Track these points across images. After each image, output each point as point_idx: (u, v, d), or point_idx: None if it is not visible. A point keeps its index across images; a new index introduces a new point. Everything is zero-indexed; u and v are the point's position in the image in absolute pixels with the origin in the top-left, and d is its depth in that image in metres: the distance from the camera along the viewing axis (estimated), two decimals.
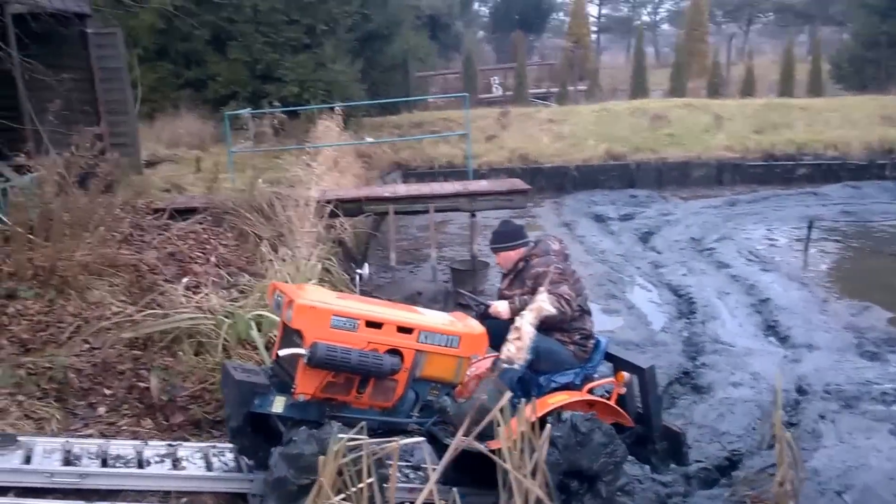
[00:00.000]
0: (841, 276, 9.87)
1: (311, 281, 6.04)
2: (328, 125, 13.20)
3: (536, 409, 3.18)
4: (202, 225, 7.45)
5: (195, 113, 14.32)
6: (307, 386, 3.29)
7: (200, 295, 5.29)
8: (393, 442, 2.90)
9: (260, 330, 4.87)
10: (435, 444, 3.69)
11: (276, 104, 12.39)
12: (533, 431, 3.06)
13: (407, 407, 3.59)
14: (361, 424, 3.20)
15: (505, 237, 4.17)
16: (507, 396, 2.91)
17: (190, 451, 3.81)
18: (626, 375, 4.02)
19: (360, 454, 2.66)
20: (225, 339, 4.75)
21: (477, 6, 44.58)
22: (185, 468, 3.66)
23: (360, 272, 7.32)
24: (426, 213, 9.17)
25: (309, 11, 15.04)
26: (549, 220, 13.56)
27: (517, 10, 37.86)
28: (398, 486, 3.14)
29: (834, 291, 8.80)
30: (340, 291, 6.30)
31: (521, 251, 4.12)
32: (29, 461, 3.45)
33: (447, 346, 3.51)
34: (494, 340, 3.77)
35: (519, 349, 2.78)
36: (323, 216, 7.72)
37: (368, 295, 7.28)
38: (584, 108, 19.69)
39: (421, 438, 3.26)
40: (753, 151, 16.40)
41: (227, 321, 4.86)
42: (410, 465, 4.03)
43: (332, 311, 3.30)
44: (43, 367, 4.14)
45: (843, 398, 5.67)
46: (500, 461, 2.99)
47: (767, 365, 6.47)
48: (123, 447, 3.72)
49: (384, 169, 15.49)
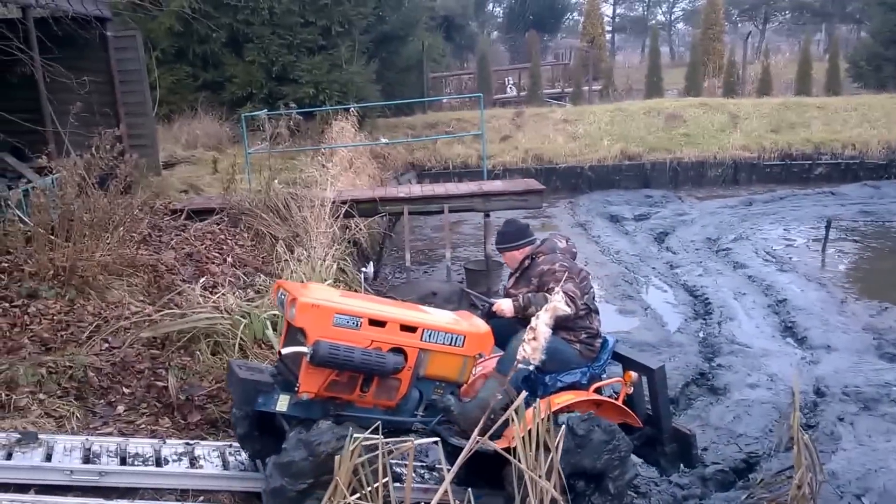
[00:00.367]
0: (859, 276, 9.73)
1: (326, 281, 6.08)
2: (343, 126, 13.27)
3: (542, 409, 3.16)
4: (219, 225, 7.55)
5: (212, 114, 14.45)
6: (310, 384, 3.26)
7: (217, 295, 5.34)
8: (407, 441, 2.91)
9: (276, 329, 4.91)
10: (439, 443, 3.68)
11: (291, 105, 12.43)
12: (548, 433, 3.06)
13: (411, 406, 3.55)
14: (348, 424, 3.19)
15: (509, 237, 4.14)
16: (522, 396, 2.92)
17: (207, 449, 3.84)
18: (633, 375, 3.97)
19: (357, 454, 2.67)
20: (241, 338, 4.81)
21: (491, 7, 44.58)
22: (201, 467, 3.68)
23: (364, 271, 7.34)
24: (441, 213, 9.20)
25: (324, 13, 15.12)
26: (563, 220, 13.51)
27: (531, 10, 37.78)
28: (399, 486, 3.11)
29: (852, 292, 8.68)
30: (356, 291, 6.37)
31: (526, 250, 4.09)
32: (49, 459, 3.49)
33: (451, 344, 3.48)
34: (500, 339, 3.73)
35: (534, 349, 2.77)
36: (338, 216, 7.78)
37: (382, 295, 7.31)
38: (598, 107, 19.57)
39: (436, 439, 3.20)
40: (770, 151, 16.27)
41: (243, 321, 4.92)
42: (424, 465, 4.04)
43: (335, 309, 3.27)
44: (63, 365, 4.19)
45: (862, 400, 5.60)
46: (515, 461, 2.99)
47: (785, 366, 6.41)
48: (142, 445, 3.76)
49: (399, 169, 15.53)
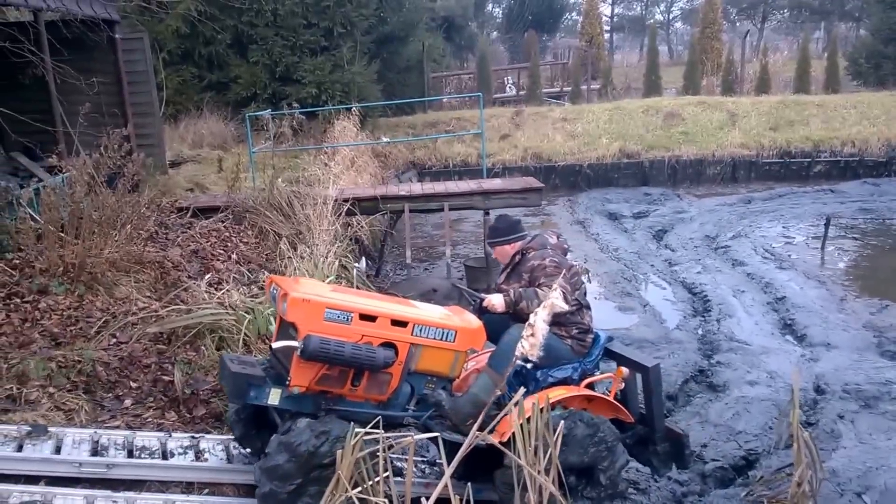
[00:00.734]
0: (859, 273, 9.73)
1: (328, 278, 6.14)
2: (345, 125, 13.36)
3: (532, 404, 3.13)
4: (224, 223, 7.62)
5: (217, 114, 14.58)
6: (301, 378, 3.28)
7: (222, 291, 5.40)
8: (408, 436, 2.95)
9: None
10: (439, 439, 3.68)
11: (295, 105, 12.52)
12: (547, 427, 3.09)
13: (402, 400, 3.56)
14: (326, 420, 3.20)
15: (500, 232, 4.15)
16: (521, 392, 2.93)
17: (211, 442, 3.90)
18: (624, 371, 3.96)
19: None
20: (245, 334, 4.86)
21: (490, 7, 44.56)
22: (206, 460, 3.74)
23: (357, 266, 7.41)
24: (441, 211, 9.24)
25: (327, 15, 15.22)
26: (562, 218, 13.55)
27: (530, 10, 37.75)
28: (399, 480, 3.13)
29: (852, 289, 8.66)
30: (357, 288, 6.42)
31: (516, 245, 4.09)
32: (59, 451, 3.55)
33: (443, 339, 3.49)
34: (492, 334, 3.74)
35: (532, 345, 2.80)
36: (340, 214, 7.84)
37: (383, 291, 7.36)
38: (597, 106, 19.58)
39: (436, 434, 3.19)
40: (769, 149, 16.28)
41: (247, 317, 4.98)
42: (424, 459, 4.07)
43: (325, 304, 3.28)
44: (73, 360, 4.26)
45: (862, 398, 5.56)
46: (515, 457, 3.02)
47: (784, 364, 6.38)
48: (148, 438, 3.82)
49: (400, 168, 15.59)
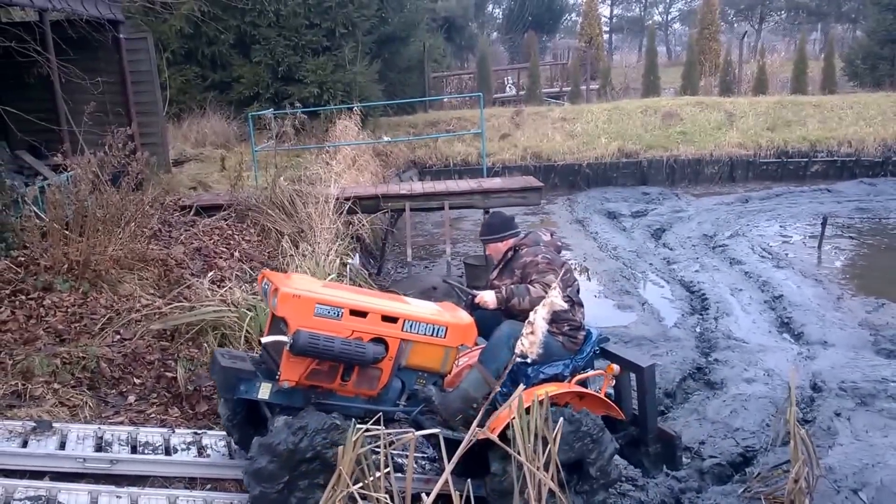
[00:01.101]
0: (856, 272, 9.77)
1: (329, 276, 6.18)
2: (347, 125, 13.42)
3: (525, 399, 3.15)
4: (226, 221, 7.67)
5: (220, 114, 14.68)
6: (291, 373, 3.29)
7: (225, 288, 5.43)
8: (409, 433, 2.97)
9: None
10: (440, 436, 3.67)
11: (297, 105, 12.62)
12: (546, 423, 3.13)
13: (393, 395, 3.56)
14: (304, 416, 3.16)
15: (493, 228, 4.14)
16: (520, 389, 2.97)
17: (214, 438, 3.93)
18: (615, 368, 3.97)
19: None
20: (247, 330, 4.89)
21: (491, 8, 44.59)
22: (209, 455, 3.77)
23: (350, 262, 7.46)
24: (441, 209, 9.28)
25: (329, 15, 15.30)
26: (562, 216, 13.60)
27: (530, 11, 37.79)
28: (400, 475, 3.16)
29: (849, 288, 8.71)
30: (359, 286, 6.46)
31: (509, 242, 4.08)
32: (63, 447, 3.58)
33: (433, 335, 3.49)
34: (483, 331, 3.73)
35: (532, 343, 2.84)
36: (341, 213, 7.90)
37: (384, 289, 7.41)
38: (596, 106, 19.64)
39: (436, 431, 3.20)
40: (766, 148, 16.36)
41: (249, 314, 5.01)
42: (425, 456, 4.07)
43: (316, 299, 3.29)
44: (77, 356, 4.29)
45: (858, 395, 5.59)
46: (515, 454, 3.06)
47: (781, 361, 6.42)
48: (152, 434, 3.85)
49: (401, 167, 15.64)
